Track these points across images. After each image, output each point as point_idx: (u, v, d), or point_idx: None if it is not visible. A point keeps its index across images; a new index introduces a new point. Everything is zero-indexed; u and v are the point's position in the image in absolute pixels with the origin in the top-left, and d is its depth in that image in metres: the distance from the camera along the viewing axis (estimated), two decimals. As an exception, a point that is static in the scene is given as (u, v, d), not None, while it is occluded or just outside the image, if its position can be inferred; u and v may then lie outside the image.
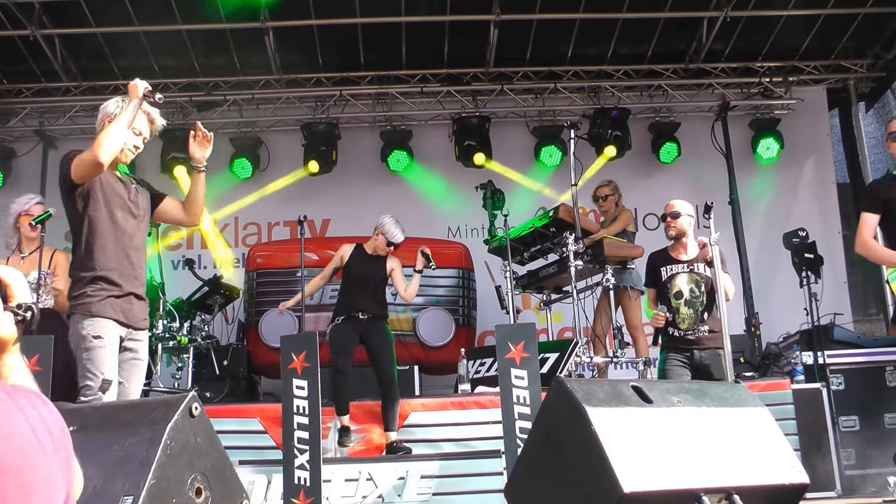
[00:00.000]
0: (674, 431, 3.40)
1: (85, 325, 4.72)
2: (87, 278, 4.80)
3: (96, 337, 4.71)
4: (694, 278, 7.10)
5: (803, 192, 12.50)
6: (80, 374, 4.72)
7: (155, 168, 11.92)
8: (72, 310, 4.82)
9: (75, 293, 4.81)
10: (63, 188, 4.94)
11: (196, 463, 3.26)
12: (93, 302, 4.76)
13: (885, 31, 11.87)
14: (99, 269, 4.81)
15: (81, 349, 4.72)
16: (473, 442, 7.25)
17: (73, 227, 4.97)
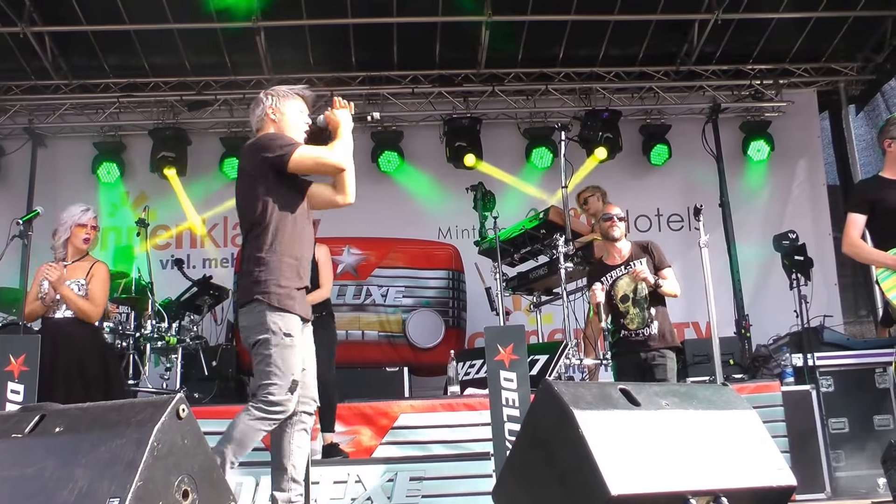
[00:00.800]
0: (661, 434, 3.39)
1: (275, 319, 4.52)
2: (273, 267, 4.59)
3: (287, 335, 4.52)
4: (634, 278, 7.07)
5: (794, 194, 12.51)
6: (266, 371, 4.49)
7: (145, 167, 11.91)
8: (251, 297, 4.57)
9: (259, 281, 4.58)
10: (259, 175, 4.72)
11: (183, 465, 3.25)
12: (283, 294, 4.56)
13: (875, 35, 11.90)
14: (287, 257, 4.63)
15: (270, 345, 4.50)
16: (463, 444, 7.23)
17: (256, 214, 4.70)
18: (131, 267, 9.14)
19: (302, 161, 4.65)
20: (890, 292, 5.78)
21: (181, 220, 12.07)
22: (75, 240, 6.95)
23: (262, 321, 4.49)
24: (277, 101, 4.97)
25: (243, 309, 4.63)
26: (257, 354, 4.53)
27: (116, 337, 8.49)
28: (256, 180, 4.73)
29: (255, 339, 4.52)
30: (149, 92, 12.00)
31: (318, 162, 4.68)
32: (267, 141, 4.75)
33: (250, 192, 4.76)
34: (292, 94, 5.01)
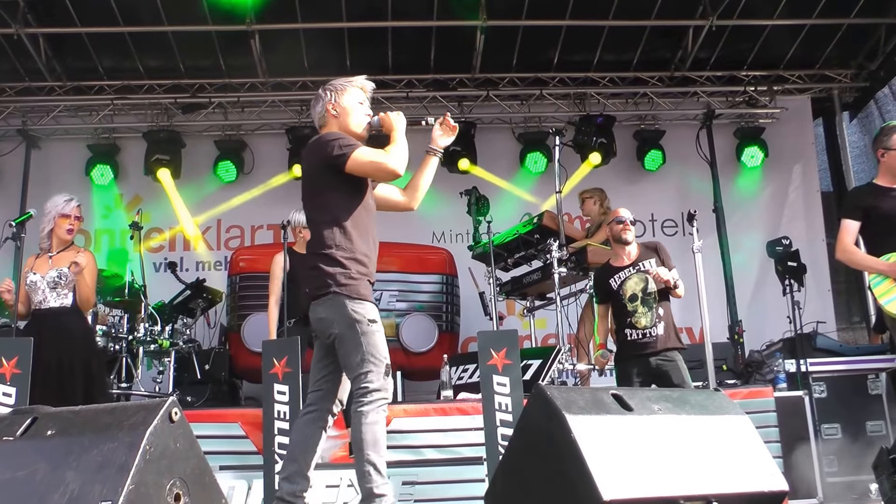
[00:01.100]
0: (654, 439, 3.40)
1: (356, 308, 4.51)
2: (343, 261, 4.58)
3: (371, 321, 4.51)
4: (643, 276, 7.06)
5: (788, 200, 12.54)
6: (357, 360, 4.47)
7: (139, 170, 11.89)
8: (327, 290, 4.56)
9: (333, 275, 4.57)
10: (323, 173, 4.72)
11: (175, 468, 3.24)
12: (358, 284, 4.56)
13: (869, 42, 11.94)
14: (357, 253, 4.62)
15: (357, 333, 4.48)
16: (455, 448, 7.22)
17: (322, 213, 4.72)
18: (125, 270, 9.13)
19: (360, 164, 4.64)
20: (882, 298, 5.79)
21: (174, 223, 12.06)
22: (59, 230, 6.87)
23: (342, 312, 4.50)
24: (336, 95, 4.94)
25: (319, 301, 4.60)
26: (345, 345, 4.52)
27: (109, 340, 8.48)
28: (319, 179, 4.75)
29: (338, 330, 4.52)
30: (143, 94, 11.99)
31: (376, 166, 4.67)
32: (327, 141, 4.73)
33: (315, 191, 4.79)
34: (350, 85, 4.99)
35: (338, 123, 4.90)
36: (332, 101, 4.92)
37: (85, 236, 11.90)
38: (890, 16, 11.30)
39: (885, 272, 5.80)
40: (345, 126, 4.89)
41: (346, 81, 5.00)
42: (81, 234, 11.73)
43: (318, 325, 4.66)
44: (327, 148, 4.67)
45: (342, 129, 4.87)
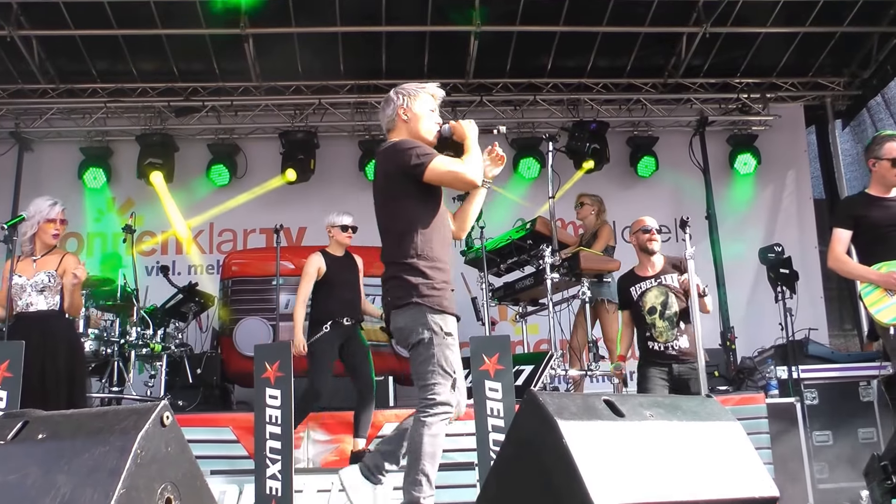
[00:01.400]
0: (645, 445, 3.39)
1: (436, 320, 4.51)
2: (426, 271, 4.57)
3: (448, 334, 4.52)
4: (664, 290, 7.10)
5: (780, 207, 12.57)
6: (429, 371, 4.49)
7: (131, 173, 11.87)
8: (408, 300, 4.56)
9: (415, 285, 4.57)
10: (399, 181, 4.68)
11: (166, 472, 3.23)
12: (441, 296, 4.57)
13: (862, 50, 11.98)
14: (438, 262, 4.63)
15: (433, 344, 4.49)
16: (447, 454, 7.12)
17: (398, 221, 4.72)
18: (117, 273, 9.12)
19: (438, 173, 4.60)
20: (873, 307, 5.82)
21: (167, 227, 12.04)
22: (44, 235, 6.82)
23: (422, 322, 4.50)
24: (408, 100, 4.88)
25: (399, 311, 4.60)
26: (419, 355, 4.54)
27: (101, 344, 8.45)
28: (395, 186, 4.71)
29: (416, 340, 4.53)
30: (136, 97, 11.98)
31: (454, 176, 4.61)
32: (404, 149, 4.67)
33: (390, 199, 4.76)
34: (423, 91, 4.92)
35: (407, 129, 4.85)
36: (404, 106, 4.87)
37: (77, 239, 11.89)
38: (883, 24, 11.35)
39: (876, 281, 5.82)
40: (414, 132, 4.84)
41: (419, 87, 4.94)
42: (74, 238, 11.74)
43: (398, 334, 4.69)
44: (405, 156, 4.63)
45: (412, 135, 4.83)
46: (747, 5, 10.80)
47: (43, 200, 6.91)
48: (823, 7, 10.90)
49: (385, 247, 4.79)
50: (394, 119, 4.88)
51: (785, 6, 10.89)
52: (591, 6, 10.85)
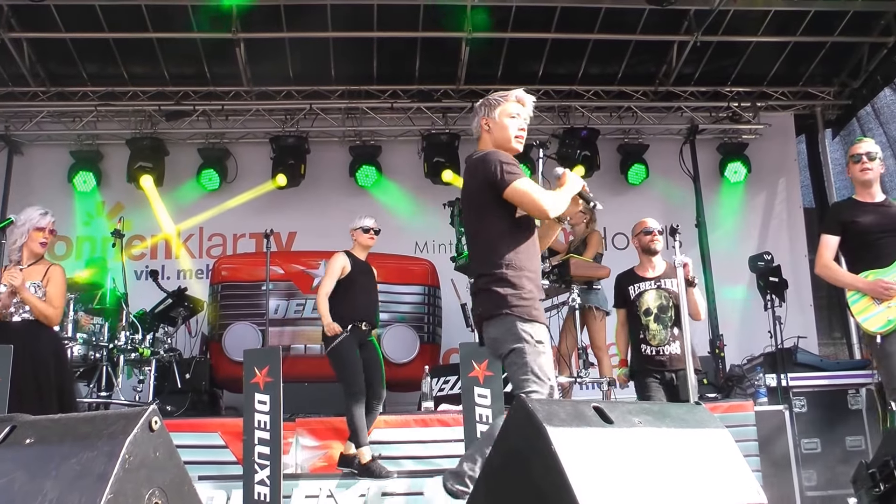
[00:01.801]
0: (634, 452, 3.39)
1: (526, 329, 4.51)
2: (515, 282, 4.58)
3: (539, 342, 4.51)
4: (662, 294, 7.12)
5: (770, 215, 12.60)
6: (524, 380, 4.46)
7: (121, 177, 11.85)
8: (499, 311, 4.58)
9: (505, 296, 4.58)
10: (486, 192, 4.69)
11: (154, 478, 3.21)
12: (530, 306, 4.56)
13: (852, 60, 12.04)
14: (526, 272, 4.62)
15: (525, 353, 4.47)
16: (436, 460, 7.21)
17: (486, 231, 4.74)
18: (103, 277, 9.09)
19: (518, 194, 4.59)
20: (860, 315, 5.83)
21: (156, 231, 12.01)
22: (32, 244, 6.76)
23: (513, 332, 4.51)
24: (489, 110, 4.91)
25: (490, 322, 4.63)
26: (512, 364, 4.53)
27: (90, 348, 8.42)
28: (483, 197, 4.72)
29: (509, 349, 4.53)
30: (127, 101, 11.95)
31: (531, 200, 4.58)
32: (491, 161, 4.69)
33: (479, 208, 4.77)
34: (504, 100, 4.90)
35: (491, 138, 4.88)
36: (486, 117, 4.91)
37: (66, 243, 11.87)
38: (873, 35, 11.40)
39: (863, 290, 5.83)
40: (497, 141, 4.86)
41: (501, 95, 4.93)
42: (63, 241, 11.72)
43: (490, 345, 4.71)
44: (491, 168, 4.65)
45: (495, 143, 4.85)
46: (738, 14, 10.84)
47: (34, 210, 6.86)
48: (814, 17, 10.95)
49: (473, 257, 4.86)
50: (479, 129, 4.95)
51: (776, 15, 10.93)
52: (582, 14, 10.88)
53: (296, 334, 9.80)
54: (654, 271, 7.25)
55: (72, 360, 8.09)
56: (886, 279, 5.75)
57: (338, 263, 7.73)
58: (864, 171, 6.08)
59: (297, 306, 9.84)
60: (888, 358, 5.66)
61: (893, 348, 5.65)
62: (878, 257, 5.88)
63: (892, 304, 5.69)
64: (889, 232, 5.92)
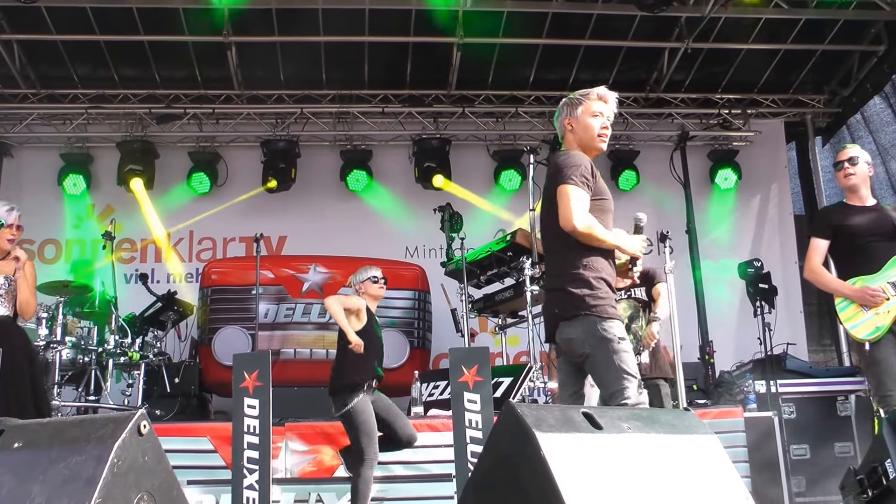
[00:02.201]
0: (623, 458, 3.39)
1: (606, 327, 4.49)
2: (591, 282, 4.57)
3: (621, 338, 4.48)
4: (633, 304, 7.10)
5: (761, 222, 12.63)
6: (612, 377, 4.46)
7: (111, 180, 11.83)
8: (578, 312, 4.56)
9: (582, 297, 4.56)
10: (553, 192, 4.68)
11: (143, 482, 3.20)
12: (606, 304, 4.54)
13: (843, 68, 12.08)
14: (602, 272, 4.61)
15: (609, 352, 4.46)
16: (424, 465, 7.20)
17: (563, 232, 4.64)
18: (90, 279, 9.06)
19: (560, 196, 4.61)
20: (848, 323, 5.82)
21: (146, 234, 11.99)
22: (1, 242, 6.76)
23: (593, 332, 4.51)
24: (570, 110, 4.92)
25: (568, 322, 4.61)
26: (598, 364, 4.52)
27: (78, 352, 8.39)
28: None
29: (592, 349, 4.52)
30: (117, 104, 11.94)
31: (565, 208, 4.56)
32: (566, 165, 4.68)
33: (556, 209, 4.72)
34: (585, 98, 4.93)
35: (575, 138, 4.87)
36: (568, 116, 4.91)
37: (55, 246, 11.84)
38: (864, 43, 11.44)
39: (851, 296, 5.82)
40: (579, 140, 4.86)
41: (583, 94, 4.95)
42: (52, 244, 11.69)
43: (567, 346, 4.67)
44: (564, 170, 4.66)
45: (579, 142, 4.85)
46: (729, 22, 10.87)
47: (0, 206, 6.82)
48: (805, 25, 10.99)
49: (549, 256, 4.84)
50: (563, 129, 4.94)
51: (766, 23, 10.97)
52: (573, 20, 10.90)
53: (285, 338, 9.80)
54: (622, 281, 7.18)
55: (60, 364, 8.08)
56: (874, 286, 5.75)
57: (359, 303, 6.91)
58: (847, 177, 6.08)
59: (287, 310, 9.84)
60: (876, 365, 5.66)
61: (882, 356, 5.65)
62: (866, 262, 5.87)
63: (881, 311, 5.68)
64: (878, 236, 5.91)
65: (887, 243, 5.89)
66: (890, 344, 5.65)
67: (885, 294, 5.70)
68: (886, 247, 5.88)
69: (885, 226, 5.93)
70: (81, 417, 4.48)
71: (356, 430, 6.53)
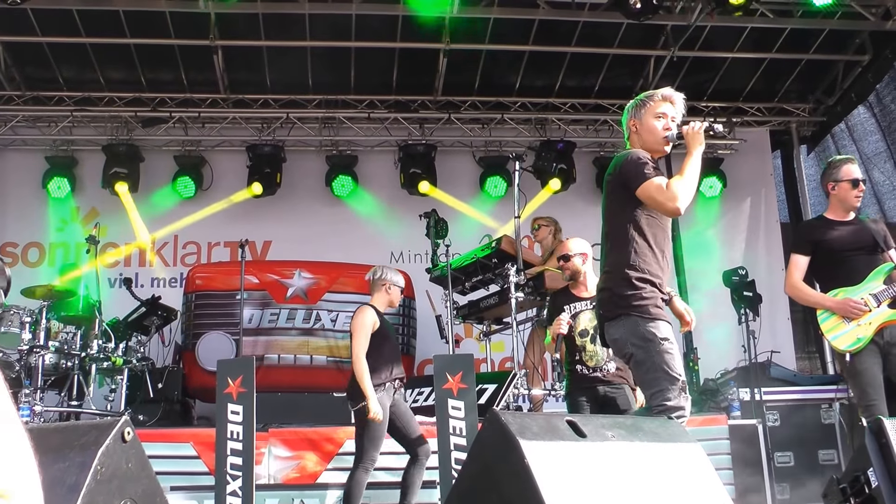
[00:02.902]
0: (607, 466, 3.40)
1: (649, 327, 4.49)
2: (636, 282, 4.57)
3: (664, 339, 4.47)
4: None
5: (746, 229, 12.67)
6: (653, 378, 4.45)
7: (96, 183, 11.78)
8: (620, 311, 4.58)
9: (625, 296, 4.57)
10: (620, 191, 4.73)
11: (127, 489, 3.19)
12: (649, 304, 4.53)
13: (827, 78, 12.15)
14: (648, 274, 4.60)
15: (651, 352, 4.46)
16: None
17: (616, 230, 4.75)
18: (79, 284, 9.02)
19: (647, 196, 4.61)
20: (829, 334, 5.84)
21: (131, 238, 11.94)
22: None
23: (635, 332, 4.51)
24: (636, 111, 4.95)
25: (612, 322, 4.64)
26: (640, 364, 4.53)
27: (61, 357, 8.35)
28: (617, 197, 4.75)
29: (634, 350, 4.53)
30: (103, 107, 11.90)
31: (657, 203, 4.60)
32: (630, 161, 4.73)
33: (614, 209, 4.79)
34: (650, 100, 4.94)
35: (639, 140, 4.91)
36: (634, 119, 4.94)
37: (39, 249, 11.78)
38: (848, 53, 11.51)
39: (832, 308, 5.84)
40: (644, 142, 4.88)
41: (647, 96, 4.96)
42: (35, 248, 11.64)
43: (612, 346, 4.73)
44: (628, 168, 4.69)
45: (643, 145, 4.87)
46: (715, 30, 10.91)
47: None
48: (790, 34, 11.04)
49: (602, 255, 4.86)
50: (629, 130, 4.98)
51: (752, 32, 11.02)
52: (559, 26, 10.92)
53: (270, 344, 9.77)
54: (587, 291, 7.07)
55: (43, 369, 8.04)
56: (855, 298, 5.77)
57: (369, 319, 6.72)
58: (858, 198, 6.11)
59: (272, 316, 9.81)
60: (859, 376, 5.69)
61: (863, 366, 5.67)
62: (848, 275, 5.89)
63: (862, 323, 5.70)
64: (859, 250, 5.94)
65: (868, 256, 5.92)
66: (872, 354, 5.68)
67: (867, 306, 5.73)
68: (867, 260, 5.91)
69: (865, 239, 5.95)
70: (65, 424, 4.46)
71: (364, 435, 6.44)
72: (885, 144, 12.42)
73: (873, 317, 5.70)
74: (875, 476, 4.57)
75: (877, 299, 5.73)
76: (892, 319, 5.70)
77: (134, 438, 3.29)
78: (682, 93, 5.04)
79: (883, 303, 5.73)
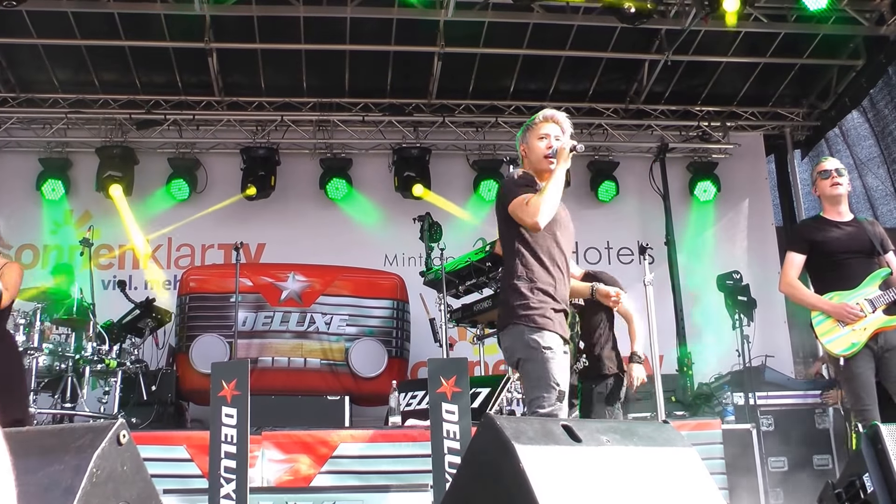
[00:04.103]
0: (602, 471, 3.40)
1: (533, 336, 4.62)
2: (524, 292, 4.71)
3: (547, 348, 4.60)
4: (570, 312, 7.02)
5: (741, 234, 12.68)
6: (532, 386, 4.61)
7: (90, 186, 11.76)
8: (509, 321, 4.73)
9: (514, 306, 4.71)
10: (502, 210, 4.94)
11: (122, 492, 3.18)
12: (535, 314, 4.67)
13: (821, 82, 12.19)
14: (538, 283, 4.73)
15: (532, 361, 4.61)
16: (402, 475, 7.17)
17: (506, 245, 4.95)
18: (70, 285, 9.00)
19: (512, 211, 4.83)
20: (824, 337, 5.83)
21: (125, 241, 11.91)
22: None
23: (522, 340, 4.66)
24: (524, 135, 5.12)
25: (503, 332, 4.82)
26: (523, 372, 4.71)
27: (55, 359, 8.33)
28: (501, 215, 4.99)
29: (517, 358, 4.70)
30: (97, 109, 11.89)
31: (520, 218, 4.80)
32: (505, 184, 5.06)
33: (500, 225, 5.04)
34: (534, 122, 5.10)
35: (528, 162, 5.08)
36: (522, 143, 5.13)
37: (33, 251, 11.75)
38: (842, 57, 11.54)
39: (828, 312, 5.83)
40: (531, 164, 5.05)
41: (532, 119, 5.12)
42: (29, 249, 11.62)
43: (504, 353, 4.90)
44: (504, 188, 5.01)
45: (531, 166, 5.04)
46: (709, 35, 10.93)
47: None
48: (784, 39, 11.07)
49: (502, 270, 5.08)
50: (521, 155, 5.16)
51: (746, 36, 11.05)
52: (554, 30, 10.92)
53: (263, 347, 9.77)
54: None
55: (37, 371, 8.02)
56: (851, 302, 5.77)
57: None
58: (834, 186, 6.07)
59: (266, 319, 9.80)
60: (853, 380, 5.68)
61: (857, 371, 5.67)
62: (842, 278, 5.89)
63: (857, 328, 5.70)
64: (855, 253, 5.92)
65: (865, 259, 5.91)
66: (866, 359, 5.67)
67: (863, 311, 5.72)
68: (864, 263, 5.90)
69: (862, 241, 5.94)
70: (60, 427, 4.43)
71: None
72: (878, 149, 12.46)
73: (868, 322, 5.70)
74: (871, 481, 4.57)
75: (872, 305, 5.74)
76: (887, 325, 5.70)
77: (129, 441, 3.28)
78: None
79: (878, 308, 5.73)
